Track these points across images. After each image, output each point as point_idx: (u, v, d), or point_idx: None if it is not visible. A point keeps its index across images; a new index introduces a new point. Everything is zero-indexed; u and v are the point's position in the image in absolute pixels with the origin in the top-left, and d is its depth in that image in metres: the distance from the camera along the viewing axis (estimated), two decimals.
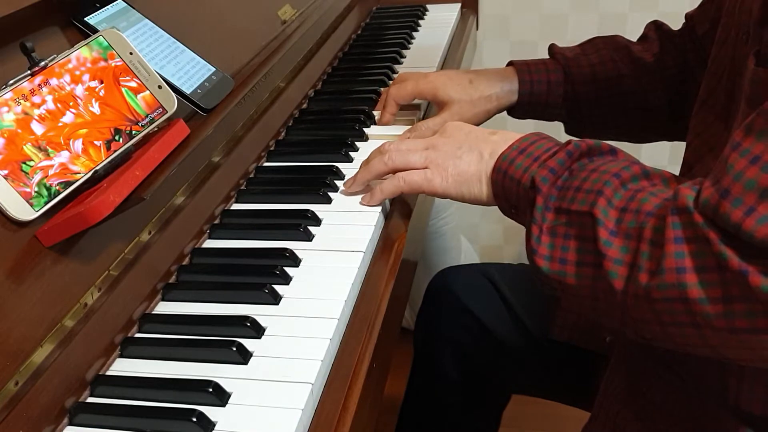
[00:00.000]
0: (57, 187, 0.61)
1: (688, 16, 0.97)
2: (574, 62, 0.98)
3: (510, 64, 1.01)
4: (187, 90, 0.78)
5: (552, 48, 1.02)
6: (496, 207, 0.74)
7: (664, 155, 1.87)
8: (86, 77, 0.67)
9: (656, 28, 1.00)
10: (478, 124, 0.96)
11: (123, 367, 0.62)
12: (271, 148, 0.95)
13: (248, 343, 0.62)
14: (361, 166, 0.81)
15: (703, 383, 0.69)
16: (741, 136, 0.55)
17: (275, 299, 0.67)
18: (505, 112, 1.02)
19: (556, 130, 1.00)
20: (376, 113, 1.01)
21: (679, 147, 0.85)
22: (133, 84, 0.70)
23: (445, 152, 0.76)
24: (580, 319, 0.90)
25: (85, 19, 0.73)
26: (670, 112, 0.98)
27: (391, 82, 1.09)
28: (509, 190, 0.70)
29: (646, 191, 0.61)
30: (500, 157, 0.72)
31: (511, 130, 0.76)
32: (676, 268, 0.55)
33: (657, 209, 0.58)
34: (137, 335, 0.66)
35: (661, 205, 0.58)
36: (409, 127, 0.95)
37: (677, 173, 0.76)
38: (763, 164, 0.52)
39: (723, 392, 0.67)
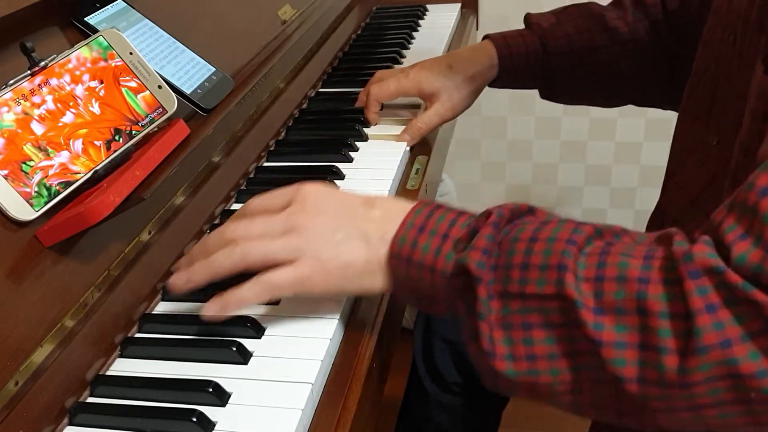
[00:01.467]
0: (57, 187, 0.61)
1: None
2: (550, 33, 0.99)
3: (486, 37, 1.01)
4: (187, 90, 0.78)
5: (528, 18, 1.02)
6: (497, 204, 0.66)
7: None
8: (86, 77, 0.67)
9: None
10: (468, 106, 0.98)
11: (123, 367, 0.62)
12: (271, 148, 0.95)
13: (248, 343, 0.62)
14: (195, 252, 0.64)
15: None
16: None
17: (275, 299, 0.67)
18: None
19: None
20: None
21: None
22: (133, 84, 0.70)
23: (317, 239, 0.60)
24: None
25: (85, 19, 0.73)
26: (642, 80, 0.99)
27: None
28: (418, 279, 0.58)
29: (613, 253, 0.51)
30: (396, 240, 0.59)
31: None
32: (720, 342, 0.46)
33: (647, 272, 0.49)
34: (137, 335, 0.66)
35: (648, 266, 0.49)
36: None
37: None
38: None
39: None
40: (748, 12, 0.64)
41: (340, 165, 0.88)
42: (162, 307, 0.69)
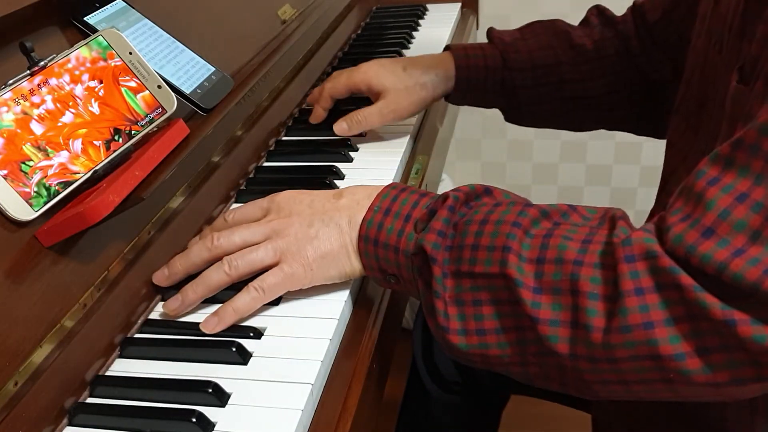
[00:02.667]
0: (56, 187, 0.61)
1: (636, 3, 0.96)
2: (512, 47, 0.96)
3: (447, 48, 0.98)
4: (187, 90, 0.78)
5: (490, 31, 1.00)
6: None
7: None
8: (86, 77, 0.67)
9: (599, 13, 0.98)
10: (413, 114, 0.94)
11: (122, 367, 0.62)
12: (271, 148, 0.95)
13: (248, 344, 0.62)
14: (176, 264, 0.67)
15: (689, 410, 0.68)
16: (719, 171, 0.50)
17: (275, 299, 0.67)
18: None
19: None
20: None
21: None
22: (132, 84, 0.70)
23: (295, 236, 0.64)
24: None
25: (85, 18, 0.73)
26: (608, 101, 0.96)
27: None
28: (384, 259, 0.62)
29: (556, 236, 0.55)
30: (364, 223, 0.63)
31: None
32: (643, 323, 0.49)
33: (582, 255, 0.53)
34: (137, 335, 0.66)
35: (584, 249, 0.53)
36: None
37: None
38: (752, 203, 0.48)
39: (709, 419, 0.66)
40: (732, 19, 0.64)
41: (339, 165, 0.88)
42: (162, 307, 0.69)
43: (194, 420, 0.54)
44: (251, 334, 0.63)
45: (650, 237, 0.51)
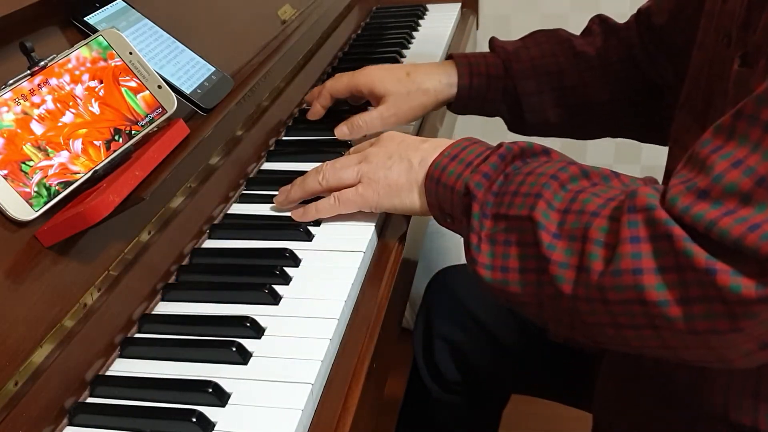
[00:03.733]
0: (56, 187, 0.61)
1: (641, 9, 0.96)
2: (514, 56, 0.96)
3: (450, 57, 0.99)
4: (187, 90, 0.78)
5: (492, 41, 1.00)
6: None
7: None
8: (86, 77, 0.67)
9: (600, 21, 0.99)
10: (414, 119, 0.96)
11: (123, 367, 0.62)
12: (271, 148, 0.95)
13: (248, 343, 0.62)
14: (296, 183, 0.79)
15: (691, 396, 0.68)
16: (723, 140, 0.53)
17: (275, 299, 0.67)
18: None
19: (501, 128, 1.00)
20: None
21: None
22: (132, 84, 0.70)
23: (375, 164, 0.74)
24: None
25: (85, 18, 0.73)
26: (611, 109, 0.97)
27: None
28: (443, 198, 0.68)
29: (587, 191, 0.59)
30: (432, 164, 0.70)
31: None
32: (633, 269, 0.53)
33: (601, 209, 0.57)
34: (137, 335, 0.66)
35: (605, 204, 0.57)
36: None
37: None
38: (745, 168, 0.51)
39: (712, 405, 0.66)
40: (739, 14, 0.64)
41: None
42: (162, 307, 0.69)
43: (194, 420, 0.54)
44: (251, 334, 0.63)
45: (653, 193, 0.54)
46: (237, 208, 0.83)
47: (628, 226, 0.54)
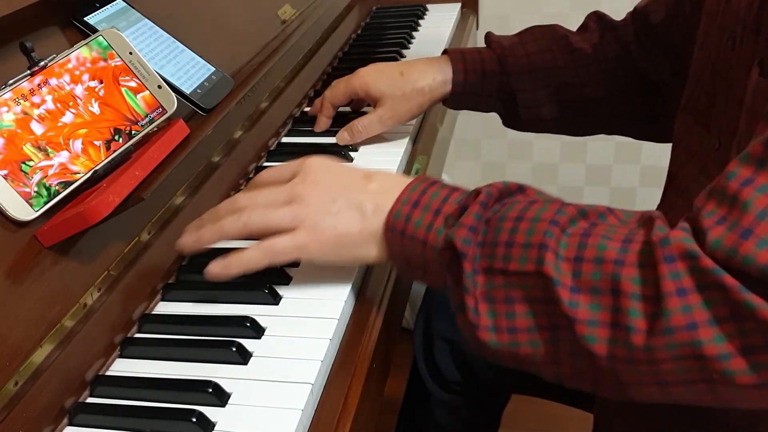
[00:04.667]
0: (56, 187, 0.61)
1: (638, 7, 0.95)
2: (510, 52, 0.95)
3: (445, 52, 0.97)
4: (187, 90, 0.78)
5: (488, 36, 0.99)
6: None
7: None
8: (86, 77, 0.67)
9: (597, 18, 0.98)
10: (412, 118, 0.95)
11: (123, 367, 0.62)
12: (271, 148, 0.95)
13: (248, 343, 0.62)
14: (205, 218, 0.67)
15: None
16: (752, 171, 0.49)
17: (275, 299, 0.67)
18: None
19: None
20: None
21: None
22: (132, 84, 0.70)
23: (316, 208, 0.63)
24: None
25: (85, 18, 0.73)
26: (608, 105, 0.96)
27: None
28: (411, 252, 0.61)
29: (595, 235, 0.54)
30: (391, 214, 0.62)
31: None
32: (687, 324, 0.48)
33: (623, 255, 0.51)
34: (137, 335, 0.66)
35: (624, 249, 0.52)
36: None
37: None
38: None
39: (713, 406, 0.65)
40: (747, 14, 0.64)
41: None
42: (162, 307, 0.69)
43: (194, 420, 0.54)
44: (251, 334, 0.63)
45: (689, 237, 0.50)
46: None
47: (671, 278, 0.49)
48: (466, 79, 0.95)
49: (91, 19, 0.74)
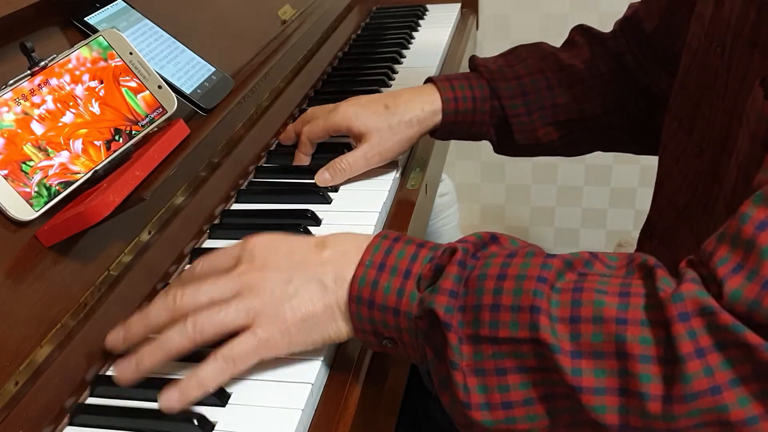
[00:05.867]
0: (57, 187, 0.61)
1: (628, 16, 0.92)
2: (499, 75, 0.90)
3: (429, 80, 0.91)
4: (187, 90, 0.78)
5: (473, 60, 0.93)
6: (497, 204, 0.66)
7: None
8: (86, 77, 0.67)
9: (583, 32, 0.94)
10: (400, 154, 0.88)
11: None
12: (272, 148, 0.95)
13: None
14: (133, 324, 0.58)
15: None
16: (767, 213, 0.45)
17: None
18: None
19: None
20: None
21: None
22: (133, 84, 0.70)
23: (271, 294, 0.56)
24: None
25: (85, 19, 0.73)
26: (607, 121, 0.92)
27: (304, 116, 0.93)
28: (382, 323, 0.55)
29: (587, 290, 0.49)
30: (354, 281, 0.55)
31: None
32: (710, 388, 0.44)
33: (623, 312, 0.47)
34: None
35: (625, 305, 0.47)
36: None
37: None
38: None
39: None
40: (740, 24, 0.62)
41: None
42: None
43: (194, 420, 0.54)
44: None
45: (702, 290, 0.45)
46: (238, 208, 0.83)
47: (688, 338, 0.44)
48: (457, 107, 0.89)
49: (92, 19, 0.74)
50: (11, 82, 0.61)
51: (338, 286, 0.56)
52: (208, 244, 0.77)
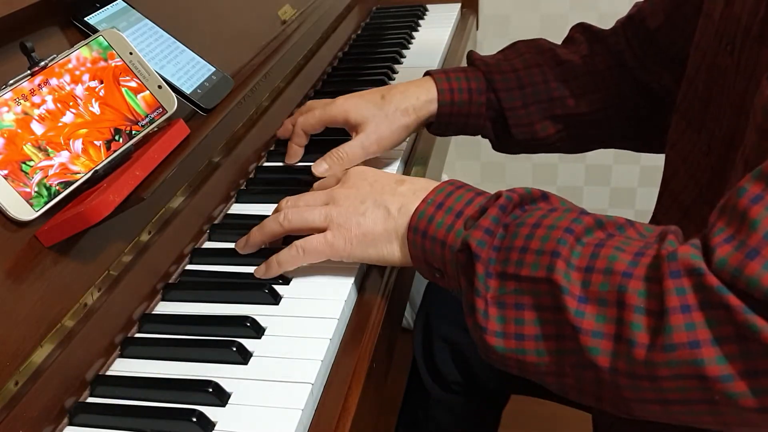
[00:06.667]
0: (57, 187, 0.61)
1: (632, 14, 0.92)
2: (496, 68, 0.91)
3: (427, 74, 0.92)
4: (187, 90, 0.78)
5: (471, 55, 0.95)
6: None
7: None
8: (86, 77, 0.67)
9: (583, 29, 0.94)
10: (397, 143, 0.89)
11: (123, 367, 0.62)
12: (271, 148, 0.95)
13: (248, 343, 0.62)
14: (255, 232, 0.72)
15: None
16: (762, 188, 0.48)
17: (275, 299, 0.67)
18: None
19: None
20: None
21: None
22: (133, 84, 0.70)
23: (346, 209, 0.67)
24: None
25: (85, 19, 0.73)
26: (605, 117, 0.92)
27: (305, 108, 0.94)
28: (431, 252, 0.62)
29: (608, 246, 0.53)
30: (415, 214, 0.63)
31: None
32: (689, 342, 0.47)
33: (632, 268, 0.51)
34: (137, 335, 0.66)
35: (635, 262, 0.51)
36: None
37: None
38: None
39: None
40: (750, 22, 0.62)
41: None
42: (162, 307, 0.69)
43: (195, 420, 0.54)
44: (251, 334, 0.63)
45: (696, 253, 0.49)
46: (238, 208, 0.83)
47: (675, 293, 0.48)
48: (453, 98, 0.90)
49: (92, 19, 0.74)
50: (11, 82, 0.61)
51: (401, 215, 0.65)
52: (208, 244, 0.77)
